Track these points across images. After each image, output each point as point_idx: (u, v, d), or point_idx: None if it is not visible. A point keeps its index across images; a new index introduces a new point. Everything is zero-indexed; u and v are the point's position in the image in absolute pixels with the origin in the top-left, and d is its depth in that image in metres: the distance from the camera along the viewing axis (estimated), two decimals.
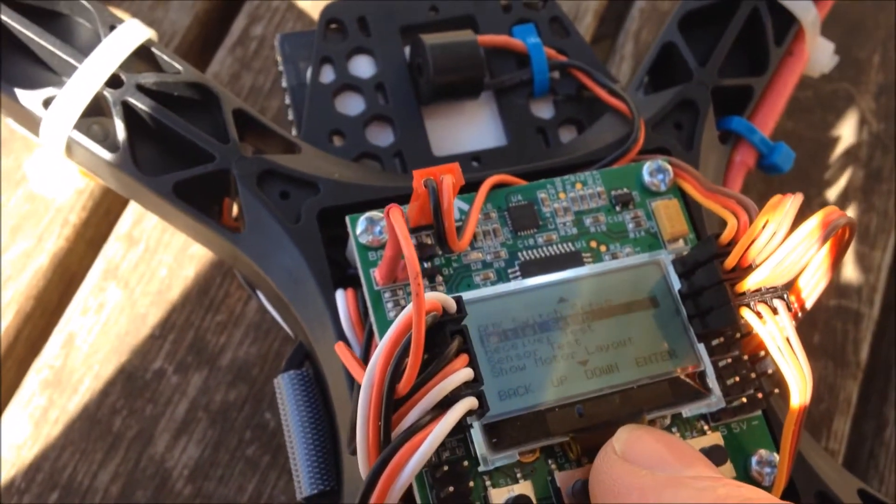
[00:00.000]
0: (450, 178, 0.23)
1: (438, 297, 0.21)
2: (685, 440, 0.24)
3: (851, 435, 0.35)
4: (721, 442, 0.25)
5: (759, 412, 0.26)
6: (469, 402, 0.20)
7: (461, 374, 0.20)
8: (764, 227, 0.23)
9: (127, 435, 0.32)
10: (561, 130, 0.32)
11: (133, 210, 0.35)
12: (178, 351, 0.33)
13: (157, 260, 0.34)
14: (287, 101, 0.32)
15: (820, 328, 0.36)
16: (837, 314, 0.36)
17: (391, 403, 0.20)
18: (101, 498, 0.31)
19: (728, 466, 0.24)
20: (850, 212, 0.38)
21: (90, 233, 0.35)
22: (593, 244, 0.27)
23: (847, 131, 0.39)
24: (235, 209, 0.30)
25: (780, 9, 0.33)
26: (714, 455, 0.24)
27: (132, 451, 0.32)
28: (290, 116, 0.32)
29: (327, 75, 0.32)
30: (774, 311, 0.23)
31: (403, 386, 0.20)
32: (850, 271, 0.37)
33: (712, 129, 0.31)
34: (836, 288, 0.37)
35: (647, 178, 0.28)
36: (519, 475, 0.24)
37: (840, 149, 0.39)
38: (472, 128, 0.32)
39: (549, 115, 0.32)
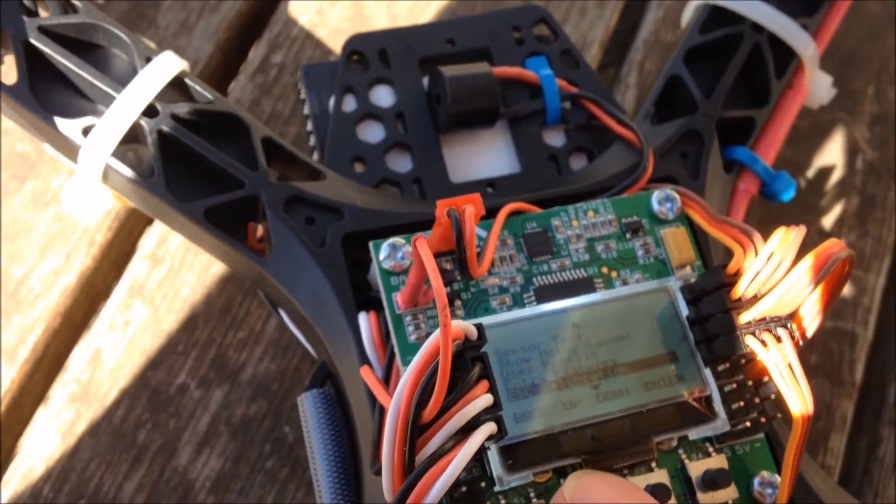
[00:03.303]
0: (471, 209, 0.25)
1: (461, 326, 0.22)
2: (690, 462, 0.26)
3: (847, 452, 0.36)
4: (725, 465, 0.26)
5: (762, 435, 0.27)
6: (489, 428, 0.22)
7: (482, 400, 0.22)
8: (769, 258, 0.24)
9: (151, 447, 0.33)
10: (572, 158, 0.34)
11: (157, 231, 0.36)
12: (200, 366, 0.34)
13: (180, 279, 0.35)
14: (309, 127, 0.34)
15: (817, 349, 0.37)
16: (833, 335, 0.38)
17: (416, 429, 0.21)
18: None
19: (731, 489, 0.25)
20: (846, 237, 0.40)
21: (115, 252, 0.36)
22: (604, 270, 0.28)
23: (843, 160, 0.41)
24: (260, 231, 0.31)
25: (781, 44, 0.34)
26: (719, 477, 0.25)
27: (156, 464, 0.33)
28: (312, 142, 0.34)
29: (349, 104, 0.33)
30: (778, 339, 0.25)
31: (429, 412, 0.21)
32: (846, 294, 0.39)
33: (717, 159, 0.33)
34: (832, 310, 0.38)
35: (655, 206, 0.29)
36: (532, 495, 0.25)
37: (836, 176, 0.40)
38: (487, 155, 0.33)
39: (561, 143, 0.34)
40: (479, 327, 0.23)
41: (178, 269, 0.35)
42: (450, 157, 0.33)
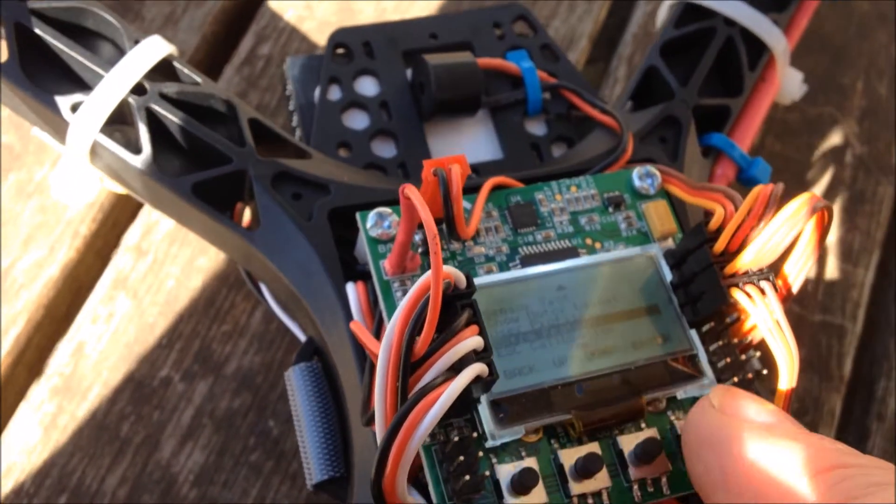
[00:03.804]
0: (458, 168, 0.25)
1: (451, 271, 0.22)
2: (680, 421, 0.26)
3: None
4: None
5: None
6: (480, 367, 0.22)
7: (473, 340, 0.22)
8: (749, 212, 0.25)
9: (134, 440, 0.32)
10: (553, 147, 0.34)
11: (142, 223, 0.36)
12: (184, 359, 0.34)
13: (164, 271, 0.35)
14: (295, 120, 0.34)
15: (805, 343, 0.37)
16: (822, 329, 0.38)
17: (408, 365, 0.21)
18: (108, 501, 0.31)
19: None
20: (835, 231, 0.40)
21: (99, 244, 0.36)
22: (588, 241, 0.28)
23: (832, 154, 0.41)
24: (247, 214, 0.31)
25: (753, 38, 0.35)
26: None
27: (139, 457, 0.32)
28: (298, 135, 0.34)
29: (334, 94, 0.33)
30: (762, 292, 0.25)
31: (420, 346, 0.21)
32: (835, 288, 0.39)
33: (695, 144, 0.33)
34: (821, 304, 0.38)
35: (637, 182, 0.30)
36: (523, 454, 0.25)
37: (825, 170, 0.41)
38: (470, 142, 0.34)
39: (542, 132, 0.34)
40: (468, 276, 0.23)
41: (162, 262, 0.35)
42: (434, 143, 0.33)
